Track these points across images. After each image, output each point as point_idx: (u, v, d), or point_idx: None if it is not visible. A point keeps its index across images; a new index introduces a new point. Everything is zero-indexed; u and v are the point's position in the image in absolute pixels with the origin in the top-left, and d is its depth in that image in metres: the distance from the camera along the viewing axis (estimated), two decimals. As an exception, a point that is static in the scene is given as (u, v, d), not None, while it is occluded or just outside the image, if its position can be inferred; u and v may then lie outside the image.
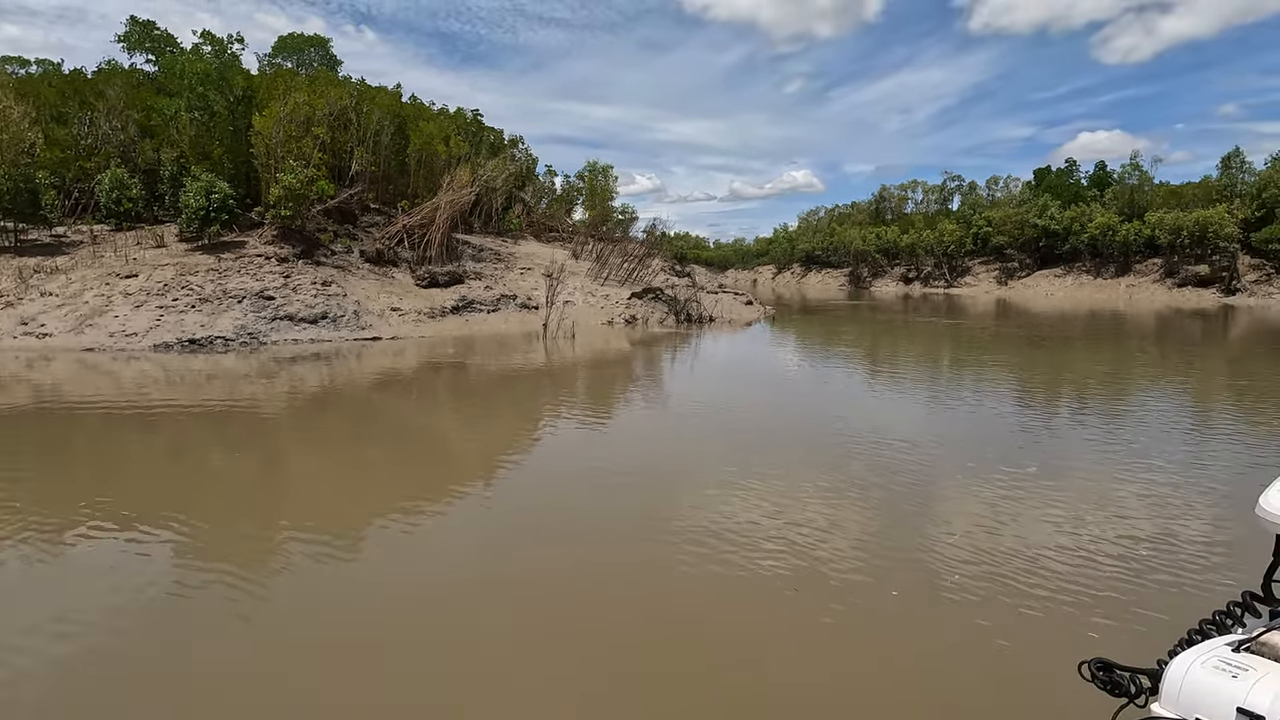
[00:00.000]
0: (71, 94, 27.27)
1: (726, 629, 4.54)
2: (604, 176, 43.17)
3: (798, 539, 5.80)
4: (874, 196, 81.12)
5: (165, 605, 4.79)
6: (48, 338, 17.41)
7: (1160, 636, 4.30)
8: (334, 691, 3.83)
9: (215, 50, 25.45)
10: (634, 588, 5.12)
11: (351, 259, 23.82)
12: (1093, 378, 14.98)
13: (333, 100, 25.45)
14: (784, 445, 9.23)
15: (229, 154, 24.42)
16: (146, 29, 29.74)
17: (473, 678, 3.96)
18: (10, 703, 3.75)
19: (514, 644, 4.25)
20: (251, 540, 5.96)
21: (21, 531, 5.95)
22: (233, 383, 13.73)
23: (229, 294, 19.44)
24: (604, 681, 3.97)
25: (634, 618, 4.69)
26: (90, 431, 9.92)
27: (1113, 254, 52.27)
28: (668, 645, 4.37)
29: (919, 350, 20.55)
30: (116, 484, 7.53)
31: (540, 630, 4.42)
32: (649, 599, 4.96)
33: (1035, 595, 4.81)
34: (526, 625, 4.46)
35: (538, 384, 14.34)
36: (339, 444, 9.66)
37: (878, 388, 13.92)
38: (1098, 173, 61.50)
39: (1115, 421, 10.50)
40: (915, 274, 66.18)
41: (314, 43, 33.02)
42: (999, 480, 7.30)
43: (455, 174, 26.99)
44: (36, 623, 4.50)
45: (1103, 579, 5.05)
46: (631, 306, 25.97)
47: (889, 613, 4.68)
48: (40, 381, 13.59)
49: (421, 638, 4.39)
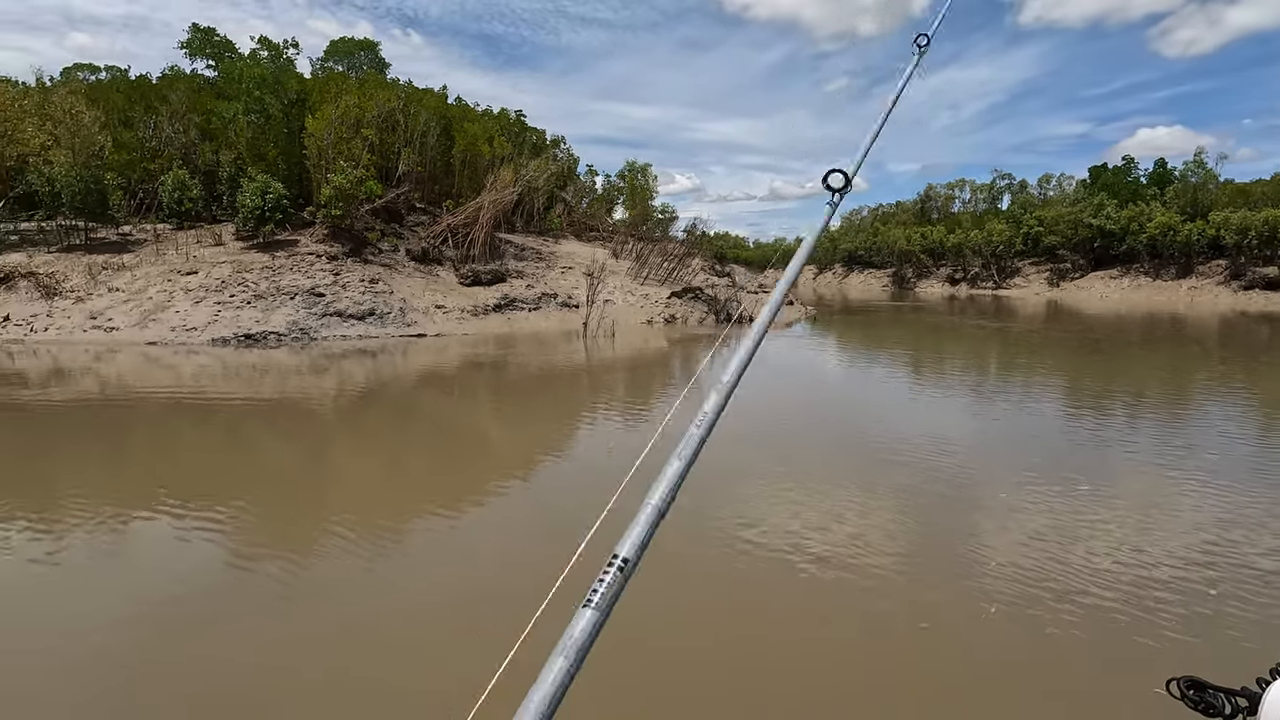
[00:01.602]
0: (137, 99, 28.57)
1: (779, 630, 4.52)
2: (644, 176, 43.27)
3: (856, 547, 5.74)
4: (919, 195, 79.37)
5: (220, 582, 5.00)
6: (114, 332, 18.27)
7: (1239, 660, 4.13)
8: (363, 668, 3.96)
9: (271, 55, 26.35)
10: (676, 583, 5.14)
11: (398, 257, 24.38)
12: (1153, 384, 14.40)
13: (381, 102, 26.10)
14: (831, 452, 9.12)
15: (283, 155, 25.25)
16: (207, 36, 30.94)
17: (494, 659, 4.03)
18: (86, 668, 3.97)
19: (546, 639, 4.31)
20: (300, 528, 6.17)
21: (90, 514, 6.28)
22: (285, 377, 14.21)
23: (282, 291, 20.11)
24: (627, 678, 4.00)
25: (674, 611, 4.72)
26: (152, 421, 10.39)
27: (1173, 255, 50.08)
28: (706, 645, 4.38)
29: (967, 353, 20.06)
30: (174, 471, 7.87)
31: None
32: (689, 594, 4.97)
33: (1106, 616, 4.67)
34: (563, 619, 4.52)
35: (579, 382, 14.46)
36: (385, 438, 9.92)
37: (925, 393, 13.64)
38: (1157, 170, 58.97)
39: (1175, 432, 10.08)
40: (962, 275, 64.49)
41: (364, 46, 33.90)
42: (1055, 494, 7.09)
43: (499, 174, 27.39)
44: (105, 597, 4.76)
45: (1169, 603, 4.88)
46: (671, 306, 25.97)
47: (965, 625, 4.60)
48: (107, 374, 14.28)
49: (457, 627, 4.50)
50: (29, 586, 5.05)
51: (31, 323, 18.56)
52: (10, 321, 18.62)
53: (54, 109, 22.83)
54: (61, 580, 5.16)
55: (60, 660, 4.10)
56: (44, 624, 4.53)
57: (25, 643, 4.31)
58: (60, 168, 21.72)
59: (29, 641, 4.33)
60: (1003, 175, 71.62)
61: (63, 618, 4.58)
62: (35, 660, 4.12)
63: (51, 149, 22.22)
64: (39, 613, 4.69)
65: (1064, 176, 67.24)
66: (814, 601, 4.88)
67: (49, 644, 4.27)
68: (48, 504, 6.56)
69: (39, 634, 4.40)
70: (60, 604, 4.80)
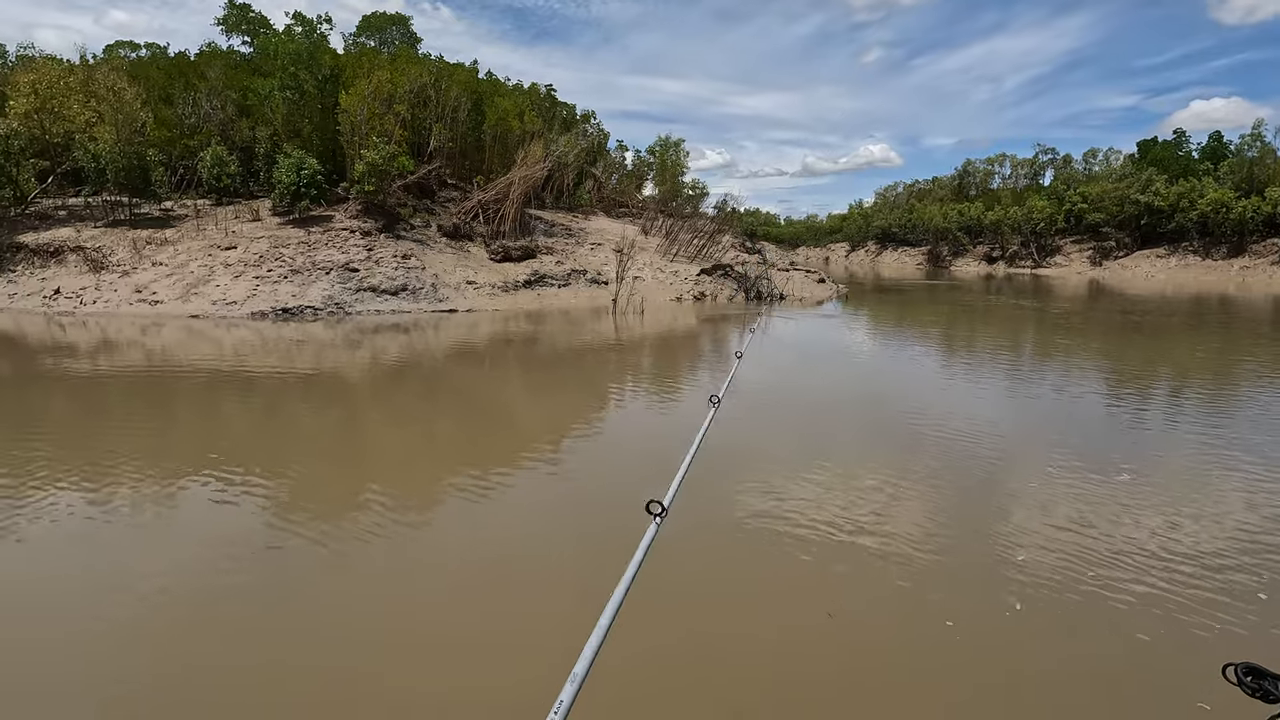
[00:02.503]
0: (177, 75, 29.05)
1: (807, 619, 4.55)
2: (675, 151, 42.79)
3: (878, 538, 5.72)
4: (957, 171, 77.15)
5: (264, 548, 5.19)
6: (159, 305, 18.82)
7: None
8: (395, 630, 4.09)
9: (305, 31, 26.50)
10: (702, 563, 5.19)
11: (429, 233, 24.60)
12: (1199, 367, 13.95)
13: (413, 78, 26.14)
14: (865, 434, 9.06)
15: (317, 131, 25.53)
16: (243, 12, 31.23)
17: (520, 631, 4.13)
18: (145, 630, 4.18)
19: (575, 602, 4.40)
20: (336, 495, 6.35)
21: (137, 481, 6.54)
22: (320, 350, 14.52)
23: (317, 265, 20.46)
24: (661, 651, 4.06)
25: (704, 589, 4.77)
26: (194, 392, 10.73)
27: (1225, 233, 48.11)
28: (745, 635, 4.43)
29: (1006, 332, 19.63)
30: (215, 440, 8.14)
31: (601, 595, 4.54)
32: (719, 573, 5.02)
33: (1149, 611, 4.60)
34: (594, 590, 4.60)
35: (609, 358, 14.52)
36: (418, 410, 10.11)
37: (961, 374, 13.42)
38: (1211, 144, 56.43)
39: (1226, 419, 9.78)
40: (999, 253, 62.80)
41: (395, 21, 33.89)
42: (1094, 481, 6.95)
43: (529, 149, 27.34)
44: (176, 548, 4.98)
45: (1222, 597, 4.78)
46: (701, 283, 25.82)
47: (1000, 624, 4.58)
48: (152, 346, 14.74)
49: (483, 594, 4.61)
50: (110, 536, 5.30)
51: (81, 295, 19.21)
52: (61, 294, 19.29)
53: (98, 86, 23.35)
54: (128, 533, 5.40)
55: (135, 595, 4.31)
56: (133, 565, 4.77)
57: (127, 579, 4.54)
58: (105, 144, 22.27)
59: (130, 577, 4.56)
60: (1046, 150, 69.32)
61: (144, 561, 4.82)
62: (125, 597, 4.34)
63: (96, 126, 22.77)
64: (132, 555, 4.93)
65: (1110, 151, 64.84)
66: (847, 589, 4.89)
67: (133, 581, 4.49)
68: (118, 465, 6.85)
69: (136, 575, 4.63)
70: (133, 553, 5.03)
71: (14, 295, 19.55)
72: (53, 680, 3.72)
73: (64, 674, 3.76)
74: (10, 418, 9.20)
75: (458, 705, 3.57)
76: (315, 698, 3.63)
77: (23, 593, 4.64)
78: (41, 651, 3.95)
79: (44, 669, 3.80)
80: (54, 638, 4.07)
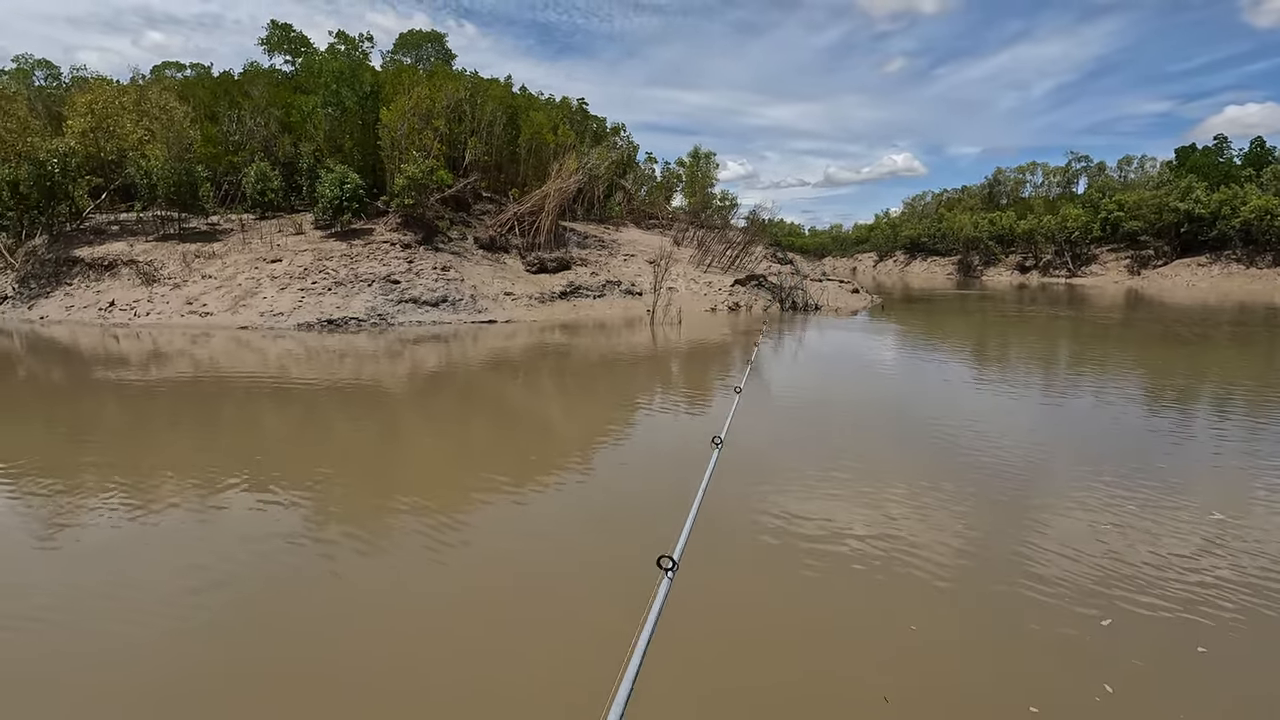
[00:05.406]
0: (222, 94, 29.95)
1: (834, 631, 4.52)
2: (706, 163, 42.94)
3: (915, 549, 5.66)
4: (987, 180, 76.40)
5: (291, 554, 5.29)
6: (209, 316, 19.32)
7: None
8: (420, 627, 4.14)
9: (348, 49, 27.18)
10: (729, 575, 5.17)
11: (466, 245, 24.95)
12: (1245, 380, 13.58)
13: (450, 93, 26.62)
14: (904, 449, 8.97)
15: (358, 146, 26.09)
16: (285, 32, 32.13)
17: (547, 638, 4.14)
18: (189, 625, 4.29)
19: (608, 609, 4.40)
20: (372, 503, 6.45)
21: (182, 484, 6.72)
22: (363, 360, 14.77)
23: (360, 278, 20.86)
24: (697, 665, 4.05)
25: (726, 600, 4.76)
26: (249, 399, 10.98)
27: (1270, 241, 46.87)
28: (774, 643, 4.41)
29: (1050, 344, 19.29)
30: (261, 446, 8.32)
31: (633, 606, 4.55)
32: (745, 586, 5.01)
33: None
34: (624, 597, 4.61)
35: (649, 369, 14.55)
36: (456, 419, 10.22)
37: (1009, 388, 13.22)
38: (1254, 150, 55.15)
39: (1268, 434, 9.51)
40: (1033, 263, 61.82)
41: (431, 39, 34.60)
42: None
43: (564, 162, 27.64)
44: (194, 559, 5.10)
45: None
46: (735, 293, 25.81)
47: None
48: (201, 356, 15.12)
49: (513, 600, 4.65)
50: (166, 530, 5.46)
51: (134, 307, 19.80)
52: (115, 306, 19.90)
53: (150, 105, 24.18)
54: (182, 529, 5.55)
55: (194, 581, 4.43)
56: (190, 550, 4.90)
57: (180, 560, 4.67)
58: (156, 161, 23.01)
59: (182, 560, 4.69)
60: (1079, 157, 68.43)
61: (200, 551, 4.95)
62: (178, 578, 4.46)
63: (148, 143, 23.54)
64: (186, 542, 5.07)
65: (1146, 158, 63.77)
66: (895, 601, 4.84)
67: (192, 561, 4.62)
68: (176, 468, 7.05)
69: (186, 561, 4.77)
70: (184, 547, 5.17)
71: (71, 308, 20.22)
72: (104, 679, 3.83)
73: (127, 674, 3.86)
74: (66, 424, 9.51)
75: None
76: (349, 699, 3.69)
77: (82, 592, 4.79)
78: (107, 650, 4.07)
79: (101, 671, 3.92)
80: (127, 632, 4.19)
